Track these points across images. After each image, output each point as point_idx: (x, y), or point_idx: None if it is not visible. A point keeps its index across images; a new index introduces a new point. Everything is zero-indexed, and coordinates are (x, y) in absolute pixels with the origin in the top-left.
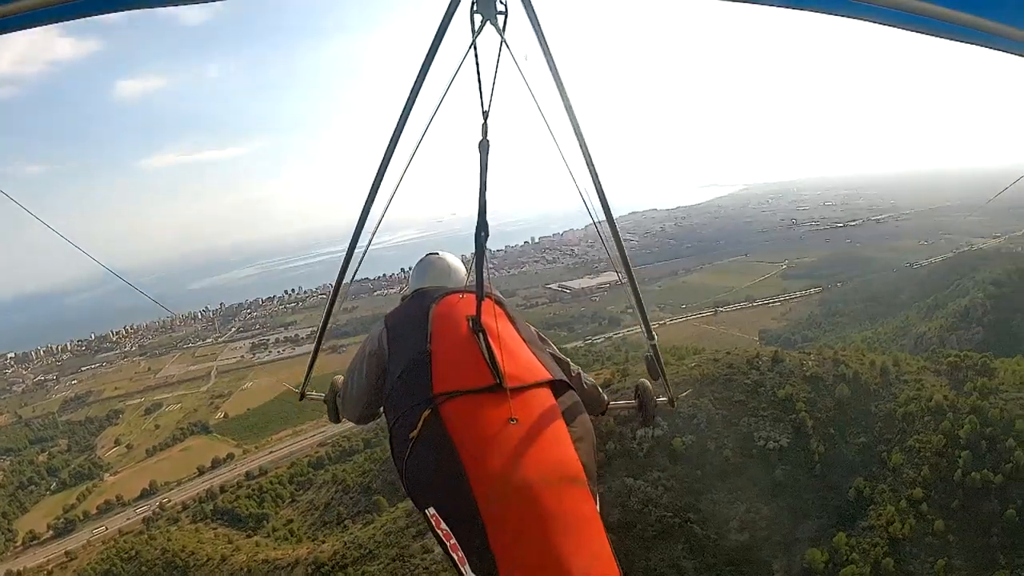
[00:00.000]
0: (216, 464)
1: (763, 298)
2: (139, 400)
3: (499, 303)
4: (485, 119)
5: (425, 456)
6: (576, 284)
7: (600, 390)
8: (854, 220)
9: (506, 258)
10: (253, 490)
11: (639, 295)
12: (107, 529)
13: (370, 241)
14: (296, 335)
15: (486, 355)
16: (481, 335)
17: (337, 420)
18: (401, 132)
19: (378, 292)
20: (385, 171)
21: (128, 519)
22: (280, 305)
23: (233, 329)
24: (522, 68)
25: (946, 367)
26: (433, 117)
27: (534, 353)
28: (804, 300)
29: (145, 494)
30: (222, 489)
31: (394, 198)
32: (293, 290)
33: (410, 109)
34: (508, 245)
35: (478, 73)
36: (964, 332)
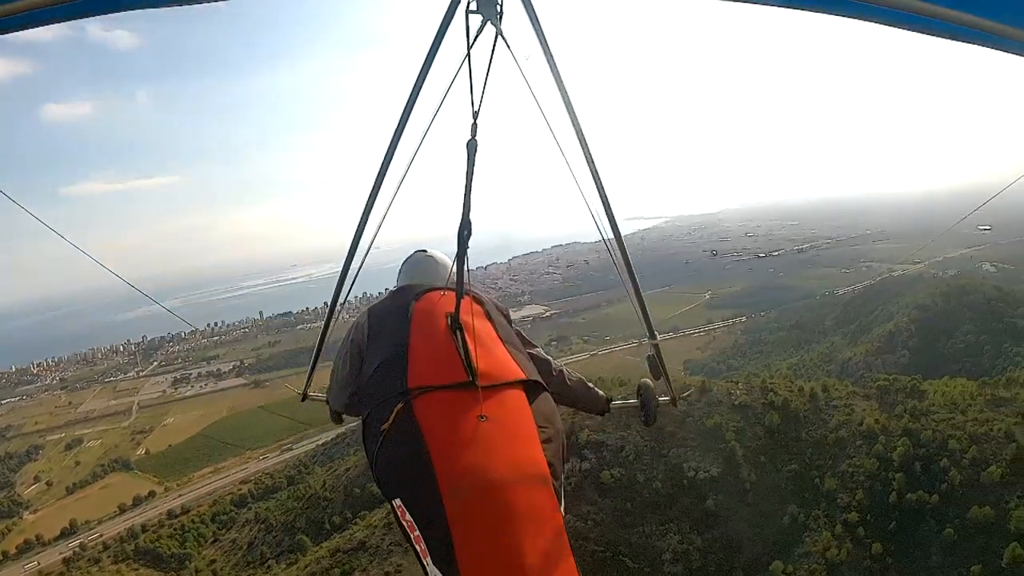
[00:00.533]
0: (137, 502)
1: (688, 328)
2: (60, 435)
3: (479, 302)
4: (475, 119)
5: (395, 449)
6: None
7: (591, 386)
8: (776, 250)
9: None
10: (175, 529)
11: (641, 295)
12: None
13: (370, 245)
14: (218, 369)
15: (462, 352)
16: (458, 332)
17: (339, 421)
18: (401, 133)
19: (301, 326)
20: (385, 172)
21: (48, 559)
22: (203, 339)
23: (155, 363)
24: (523, 69)
25: (875, 391)
26: (434, 117)
27: (510, 353)
28: (729, 329)
29: (65, 533)
30: (143, 528)
31: (394, 198)
32: (216, 324)
33: (410, 110)
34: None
35: (470, 73)
36: (890, 356)
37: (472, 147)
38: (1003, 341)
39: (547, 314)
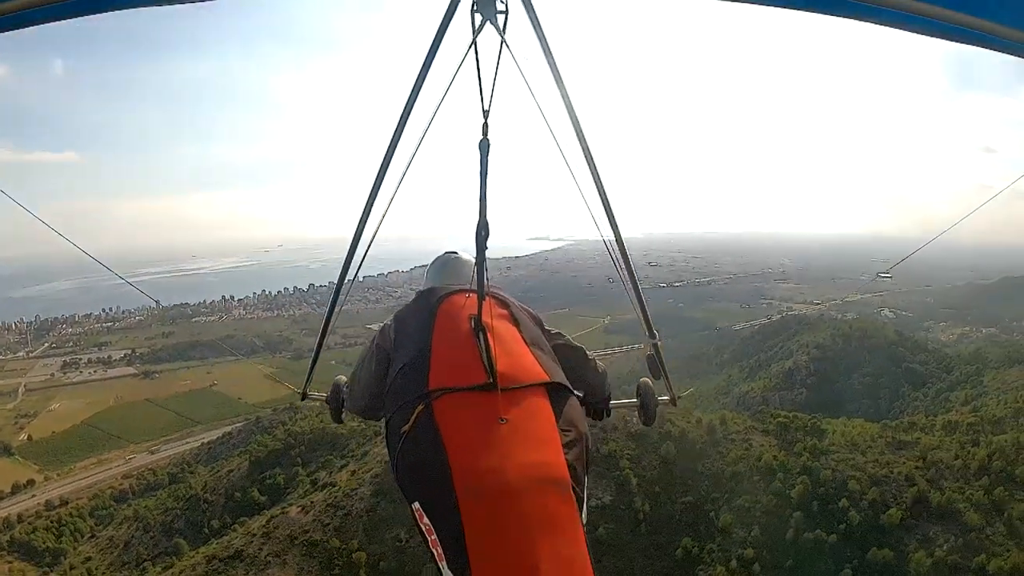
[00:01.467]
0: (16, 490)
1: (595, 351)
2: None
3: (505, 304)
4: (485, 119)
5: (415, 450)
6: None
7: (604, 379)
8: (678, 282)
9: (328, 294)
10: (52, 522)
11: (641, 294)
12: None
13: (371, 242)
14: (109, 356)
15: (483, 354)
16: (481, 334)
17: (339, 421)
18: (402, 132)
19: (197, 318)
20: (386, 171)
21: None
22: (97, 323)
23: (46, 344)
24: (522, 68)
25: (775, 427)
26: (434, 116)
27: (534, 355)
28: (625, 356)
29: None
30: (19, 519)
31: (395, 197)
32: (110, 309)
33: (410, 109)
34: (331, 281)
35: (478, 73)
36: (788, 393)
37: (484, 147)
38: (901, 385)
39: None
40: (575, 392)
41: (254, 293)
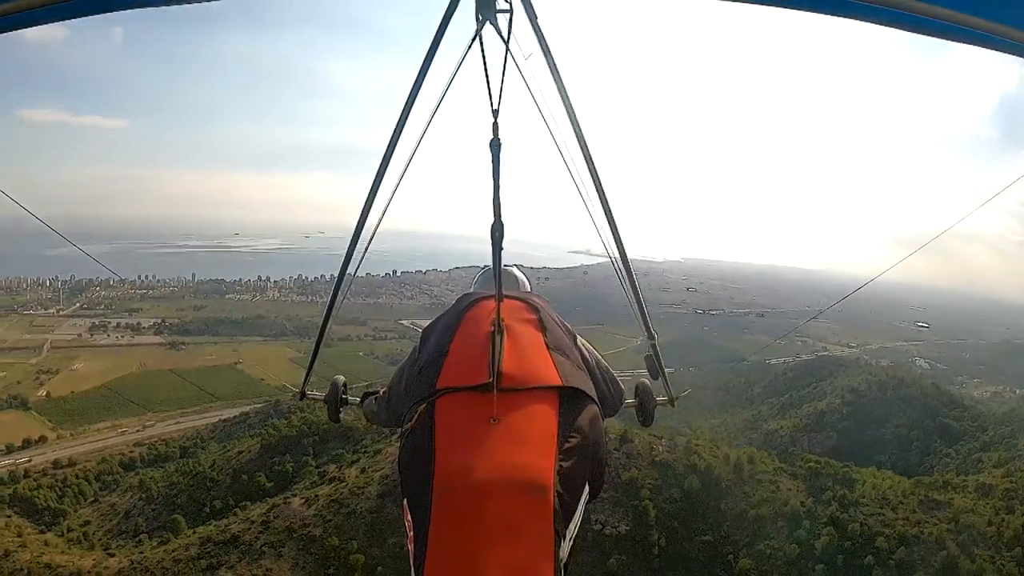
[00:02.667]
0: (27, 444)
1: (614, 370)
2: None
3: (534, 309)
4: (495, 118)
5: (411, 448)
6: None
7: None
8: (715, 310)
9: (364, 286)
10: (57, 481)
11: (639, 293)
12: None
13: (371, 239)
14: (138, 323)
15: (491, 355)
16: (499, 336)
17: (336, 420)
18: (401, 131)
19: (230, 295)
20: (386, 169)
21: None
22: (130, 289)
23: (78, 304)
24: (522, 68)
25: (804, 472)
26: (433, 115)
27: (554, 359)
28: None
29: None
30: (26, 474)
31: (394, 196)
32: (146, 277)
33: (410, 108)
34: (368, 273)
35: (486, 73)
36: (817, 435)
37: (495, 147)
38: (933, 440)
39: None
40: (594, 399)
41: (290, 277)
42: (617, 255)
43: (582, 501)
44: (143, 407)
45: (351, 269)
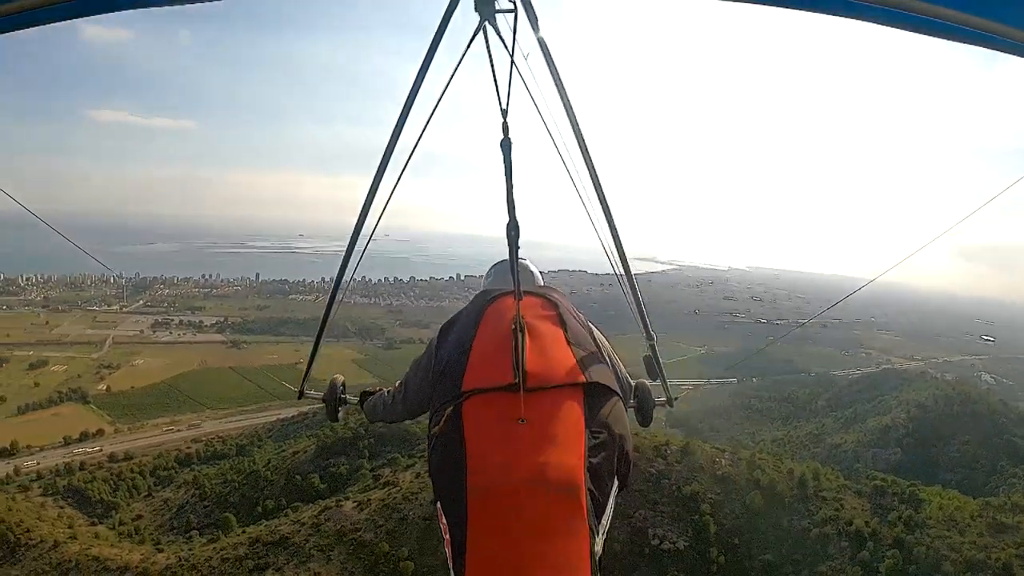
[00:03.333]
0: (84, 437)
1: (676, 379)
2: (27, 352)
3: (553, 304)
4: (504, 118)
5: (442, 452)
6: None
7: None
8: (779, 320)
9: (427, 289)
10: (111, 474)
11: (638, 295)
12: None
13: (370, 238)
14: (200, 321)
15: (515, 354)
16: (520, 334)
17: (335, 419)
18: (401, 131)
19: (293, 296)
20: (385, 169)
21: None
22: (194, 288)
23: (141, 301)
24: (521, 68)
25: (870, 490)
26: (432, 116)
27: (575, 355)
28: (717, 389)
29: (4, 453)
30: (81, 466)
31: (393, 195)
32: (210, 276)
33: (409, 109)
34: (432, 277)
35: (493, 73)
36: (882, 451)
37: (507, 146)
38: (1000, 459)
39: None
40: (616, 392)
41: (354, 279)
42: (616, 256)
43: (612, 496)
44: (202, 404)
45: (351, 267)
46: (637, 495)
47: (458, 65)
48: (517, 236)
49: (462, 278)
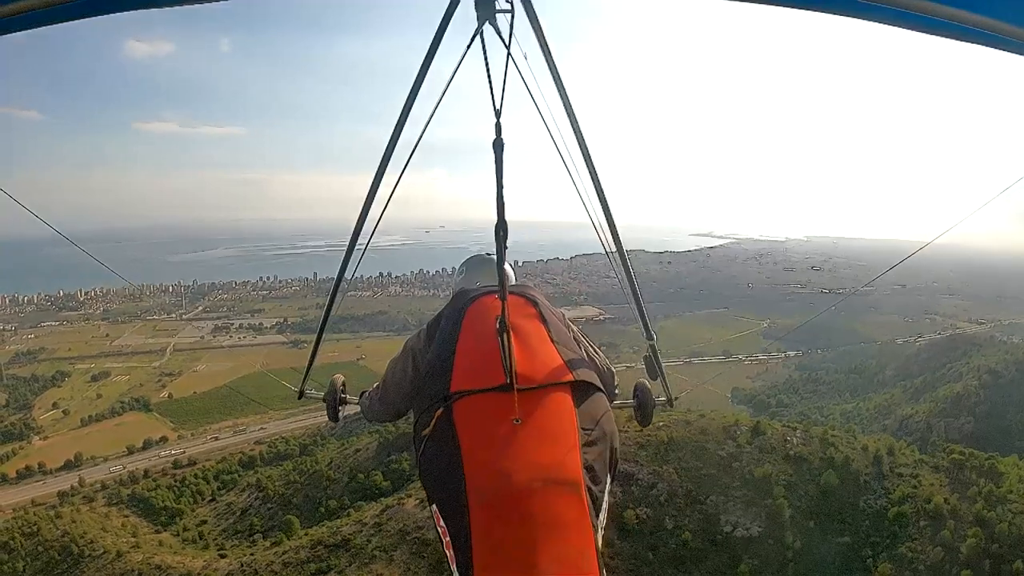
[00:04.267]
0: (148, 445)
1: (741, 354)
2: (89, 365)
3: (533, 303)
4: (498, 119)
5: (434, 453)
6: None
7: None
8: (840, 289)
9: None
10: (176, 481)
11: (638, 294)
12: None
13: (370, 239)
14: (260, 323)
15: (504, 355)
16: (505, 335)
17: (336, 419)
18: (400, 131)
19: (351, 293)
20: (385, 169)
21: (44, 490)
22: (252, 291)
23: (200, 308)
24: (522, 68)
25: (947, 464)
26: (432, 116)
27: (560, 353)
28: (783, 362)
29: (69, 465)
30: (145, 474)
31: (393, 196)
32: (268, 278)
33: (409, 108)
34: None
35: (488, 73)
36: (954, 420)
37: (499, 147)
38: None
39: (600, 317)
40: (601, 389)
41: (411, 272)
42: (615, 252)
43: (607, 491)
44: (265, 405)
45: (351, 269)
46: (707, 479)
47: (459, 65)
48: (505, 236)
49: (520, 264)
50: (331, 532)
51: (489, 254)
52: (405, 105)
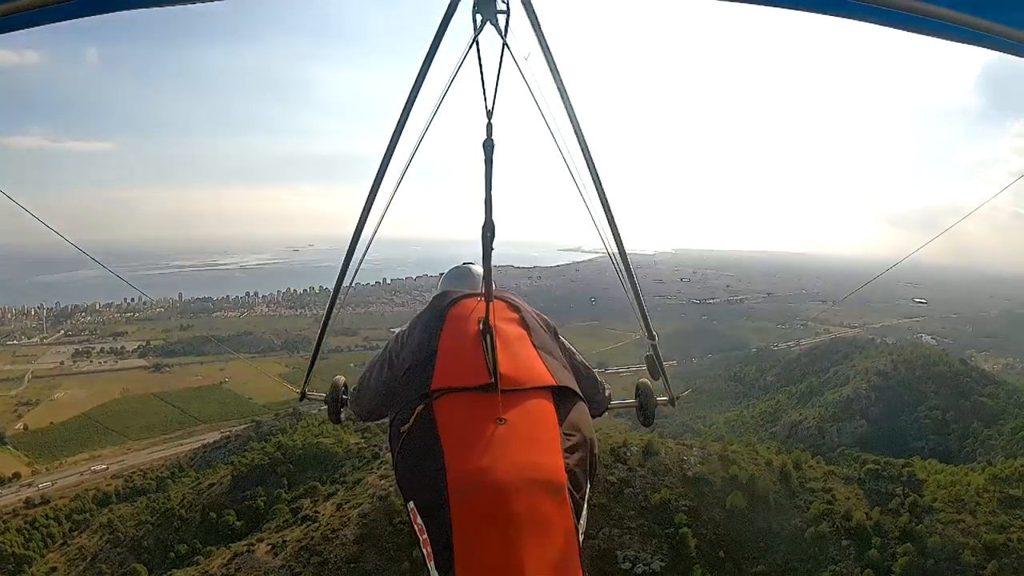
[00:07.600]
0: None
1: (617, 366)
2: None
3: (515, 308)
4: (489, 119)
5: (412, 450)
6: None
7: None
8: (712, 298)
9: (354, 295)
10: (26, 523)
11: (639, 294)
12: None
13: (369, 244)
14: (123, 347)
15: (487, 356)
16: (488, 336)
17: (338, 421)
18: (401, 132)
19: (217, 313)
20: (385, 171)
21: None
22: (117, 313)
23: (62, 331)
24: (522, 68)
25: (861, 475)
26: (432, 116)
27: (542, 358)
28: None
29: None
30: None
31: (393, 197)
32: (132, 299)
33: (410, 109)
34: (358, 283)
35: (481, 74)
36: (847, 424)
37: (489, 148)
38: (971, 421)
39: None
40: (582, 396)
41: (279, 291)
42: (617, 253)
43: (587, 498)
44: (124, 435)
45: (351, 269)
46: (599, 511)
47: (459, 65)
48: (492, 237)
49: (389, 282)
50: None
51: (468, 263)
52: (405, 107)
